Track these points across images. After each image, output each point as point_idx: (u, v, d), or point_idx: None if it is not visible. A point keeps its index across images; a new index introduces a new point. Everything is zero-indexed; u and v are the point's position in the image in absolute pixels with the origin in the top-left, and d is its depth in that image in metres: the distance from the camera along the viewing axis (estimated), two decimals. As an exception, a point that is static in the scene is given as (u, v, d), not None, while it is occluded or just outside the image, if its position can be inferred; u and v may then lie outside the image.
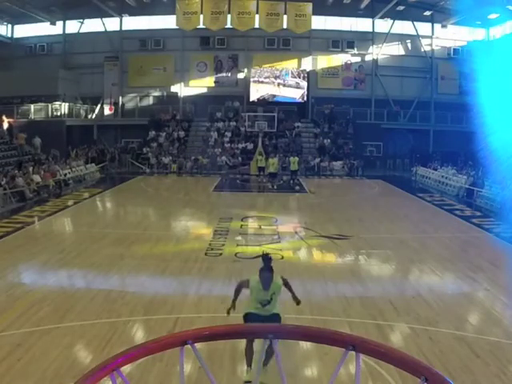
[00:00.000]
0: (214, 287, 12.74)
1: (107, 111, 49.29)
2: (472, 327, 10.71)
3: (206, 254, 16.21)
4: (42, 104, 43.38)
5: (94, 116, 48.78)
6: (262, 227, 20.80)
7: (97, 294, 11.98)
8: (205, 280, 13.38)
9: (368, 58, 49.14)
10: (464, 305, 12.01)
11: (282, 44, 48.20)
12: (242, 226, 21.00)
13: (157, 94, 49.80)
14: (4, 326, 9.87)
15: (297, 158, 34.73)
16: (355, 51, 48.86)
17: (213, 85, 49.09)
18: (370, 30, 48.73)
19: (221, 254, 16.12)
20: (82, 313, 10.78)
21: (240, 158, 42.84)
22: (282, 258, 15.70)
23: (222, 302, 11.52)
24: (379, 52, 48.91)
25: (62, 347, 9.03)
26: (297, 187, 32.09)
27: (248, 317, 8.33)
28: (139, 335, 9.92)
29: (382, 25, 48.23)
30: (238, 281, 9.15)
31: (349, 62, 49.19)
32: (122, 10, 47.21)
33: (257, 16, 44.59)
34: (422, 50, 49.19)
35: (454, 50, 48.69)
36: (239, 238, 18.79)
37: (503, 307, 11.75)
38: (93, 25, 48.71)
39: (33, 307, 11.01)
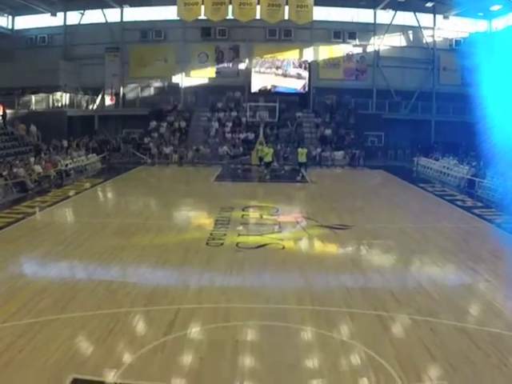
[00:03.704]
0: (215, 277, 12.73)
1: (108, 102, 49.28)
2: (473, 318, 10.70)
3: (207, 243, 16.21)
4: (43, 95, 43.30)
5: (95, 106, 48.75)
6: (264, 217, 20.79)
7: (98, 285, 11.98)
8: (206, 270, 13.37)
9: (370, 48, 49.12)
10: (465, 296, 11.99)
11: (283, 35, 48.21)
12: (243, 215, 21.01)
13: (158, 84, 49.76)
14: (5, 317, 9.86)
15: (305, 150, 32.77)
16: (357, 42, 48.82)
17: (214, 75, 49.10)
18: (372, 21, 48.70)
19: (222, 244, 16.11)
20: (83, 304, 10.78)
21: (241, 148, 42.87)
22: (283, 248, 15.72)
23: (224, 293, 11.55)
24: (381, 43, 48.84)
25: (63, 338, 9.02)
26: (298, 178, 31.80)
27: None
28: (140, 326, 9.92)
29: (384, 16, 48.14)
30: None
31: (350, 53, 49.18)
32: (122, 0, 47.18)
33: (258, 7, 44.37)
34: (424, 41, 49.15)
35: (456, 41, 48.65)
36: (240, 227, 18.79)
37: (504, 298, 11.73)
38: (94, 16, 48.70)
39: (34, 298, 11.00)
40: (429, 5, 46.87)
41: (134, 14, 48.81)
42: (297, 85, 47.76)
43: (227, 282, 12.36)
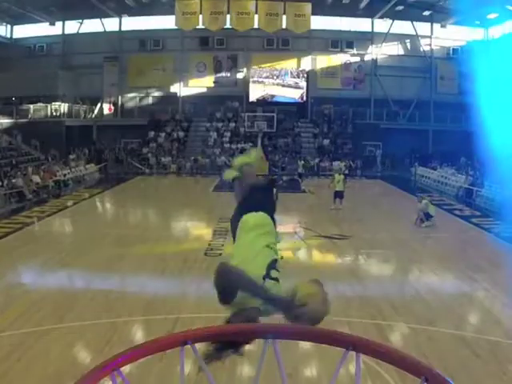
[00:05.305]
0: (213, 287, 12.69)
1: (106, 111, 49.26)
2: (471, 327, 10.71)
3: (205, 254, 16.22)
4: (42, 104, 43.32)
5: (93, 116, 48.74)
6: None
7: (96, 294, 11.98)
8: (204, 280, 13.33)
9: (367, 57, 49.09)
10: (463, 304, 12.01)
11: (281, 44, 48.15)
12: (241, 226, 20.97)
13: (156, 94, 49.76)
14: (4, 326, 9.86)
15: (342, 176, 25.09)
16: (354, 51, 48.82)
17: (212, 85, 49.02)
18: (370, 30, 48.66)
19: (220, 255, 16.09)
20: (82, 313, 10.78)
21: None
22: (282, 258, 15.66)
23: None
24: (378, 52, 48.88)
25: (61, 347, 9.03)
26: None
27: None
28: (139, 335, 9.92)
29: (382, 25, 48.14)
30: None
31: (348, 62, 49.14)
32: (121, 10, 47.10)
33: (256, 16, 44.52)
34: (421, 50, 49.15)
35: (453, 49, 48.64)
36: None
37: (503, 307, 11.75)
38: (92, 25, 48.60)
39: (32, 307, 11.01)
40: (426, 13, 46.92)
41: (132, 23, 48.77)
42: (295, 94, 47.78)
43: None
